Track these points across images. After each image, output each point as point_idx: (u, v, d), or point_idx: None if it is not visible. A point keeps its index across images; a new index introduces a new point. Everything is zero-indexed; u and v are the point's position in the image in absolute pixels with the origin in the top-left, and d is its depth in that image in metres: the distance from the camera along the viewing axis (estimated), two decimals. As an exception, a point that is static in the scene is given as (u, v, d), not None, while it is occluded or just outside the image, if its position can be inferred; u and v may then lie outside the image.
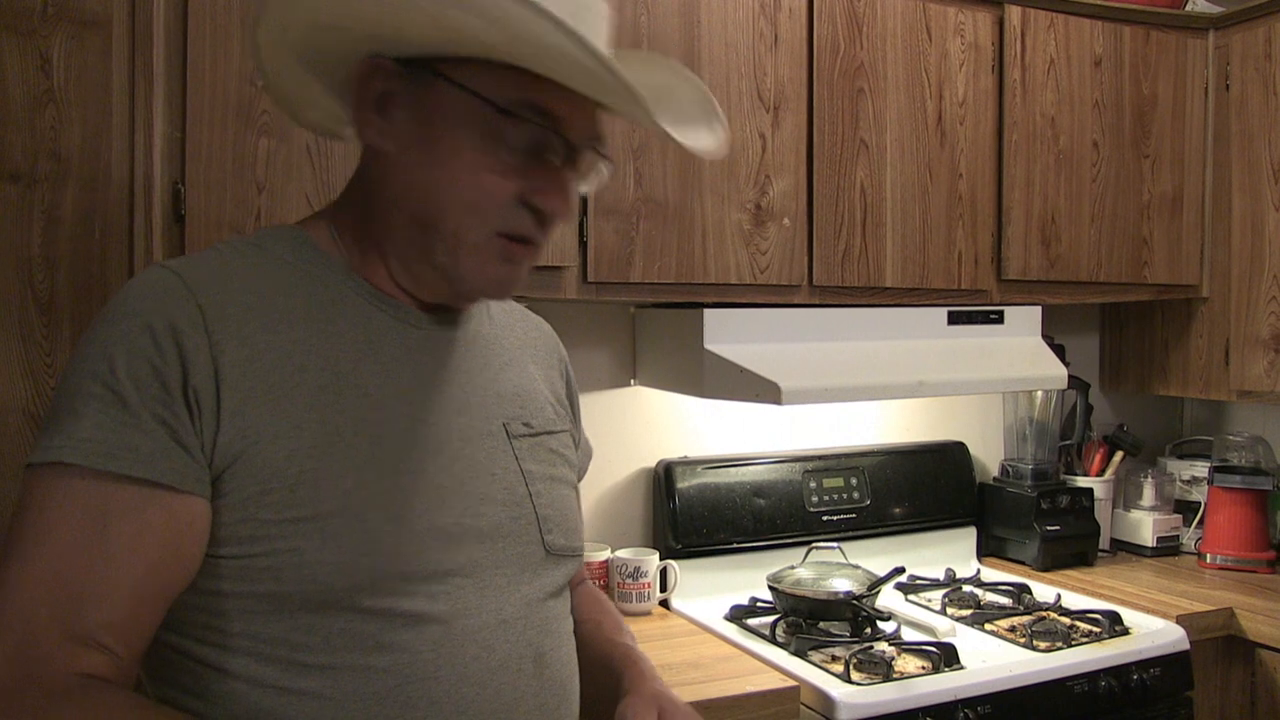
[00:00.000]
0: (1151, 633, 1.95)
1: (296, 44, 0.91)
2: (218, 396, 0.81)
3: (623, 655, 1.06)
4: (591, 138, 0.92)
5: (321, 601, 0.83)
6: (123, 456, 0.78)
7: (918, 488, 2.37)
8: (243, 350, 0.83)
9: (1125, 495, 2.58)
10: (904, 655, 1.79)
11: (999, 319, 2.16)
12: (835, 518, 2.24)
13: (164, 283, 0.84)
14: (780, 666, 1.72)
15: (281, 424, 0.83)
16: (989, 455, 2.57)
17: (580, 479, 1.13)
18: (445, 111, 0.87)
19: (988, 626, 1.96)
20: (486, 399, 0.97)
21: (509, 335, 1.07)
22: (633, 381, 2.19)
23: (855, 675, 1.68)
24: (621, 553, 2.05)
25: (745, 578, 2.11)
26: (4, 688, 0.74)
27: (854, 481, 2.30)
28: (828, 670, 1.71)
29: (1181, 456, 2.70)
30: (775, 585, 1.96)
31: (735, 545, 2.15)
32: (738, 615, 1.99)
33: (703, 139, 0.95)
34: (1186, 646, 1.94)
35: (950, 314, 2.10)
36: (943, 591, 2.14)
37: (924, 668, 1.74)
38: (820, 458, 2.29)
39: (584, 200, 1.75)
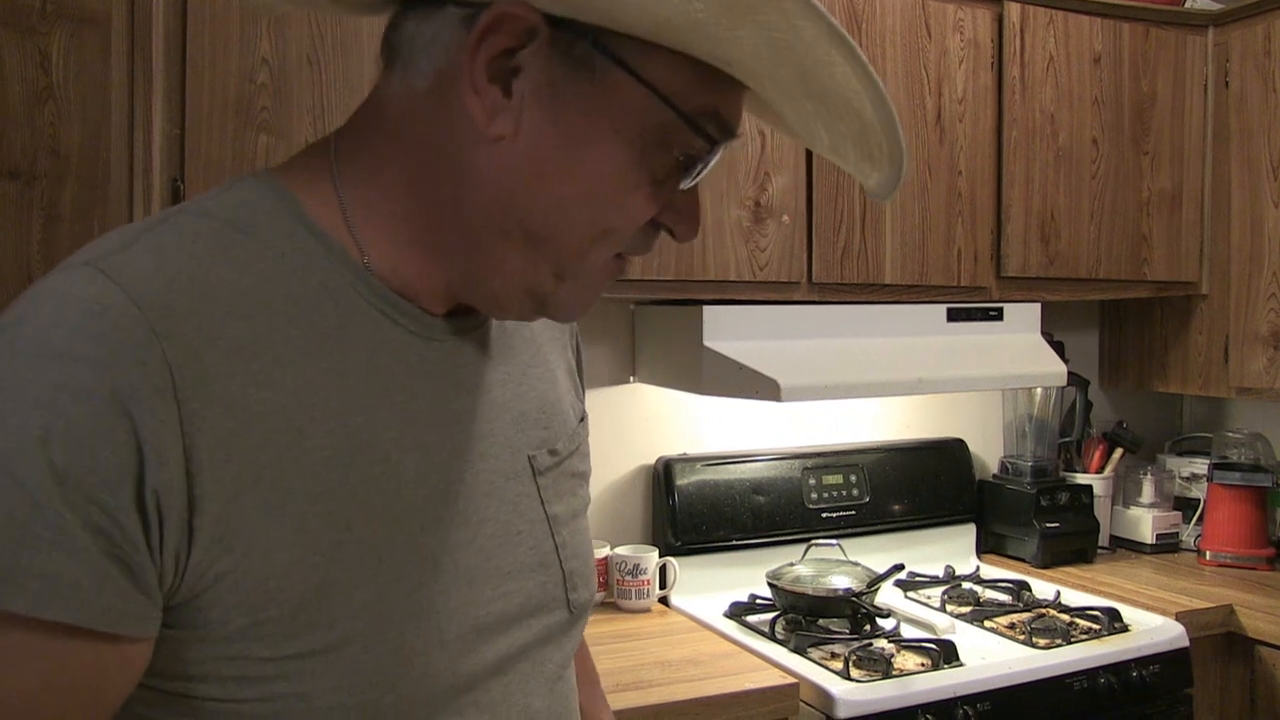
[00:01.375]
0: (1151, 630, 1.95)
1: None
2: (189, 497, 0.57)
3: None
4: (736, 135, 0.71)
5: None
6: (32, 589, 0.53)
7: (917, 485, 2.37)
8: (227, 421, 0.59)
9: (1125, 492, 2.58)
10: (903, 652, 1.79)
11: (998, 316, 2.16)
12: (834, 515, 2.24)
13: (115, 315, 0.57)
14: (780, 664, 1.73)
15: (277, 527, 0.60)
16: (988, 452, 2.57)
17: None
18: (606, 107, 0.63)
19: (987, 624, 1.97)
20: (511, 427, 0.76)
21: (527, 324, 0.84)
22: (632, 379, 2.19)
23: (855, 672, 1.68)
24: (621, 550, 2.06)
25: (745, 575, 2.11)
26: None
27: (853, 478, 2.30)
28: (827, 667, 1.71)
29: (1181, 453, 2.70)
30: (775, 582, 1.96)
31: (735, 542, 2.15)
32: (737, 612, 1.99)
33: (888, 177, 0.72)
34: (1186, 643, 1.94)
35: (949, 311, 2.10)
36: (942, 588, 2.14)
37: (923, 665, 1.74)
38: (819, 455, 2.29)
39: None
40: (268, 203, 0.67)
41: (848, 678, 1.66)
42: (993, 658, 1.79)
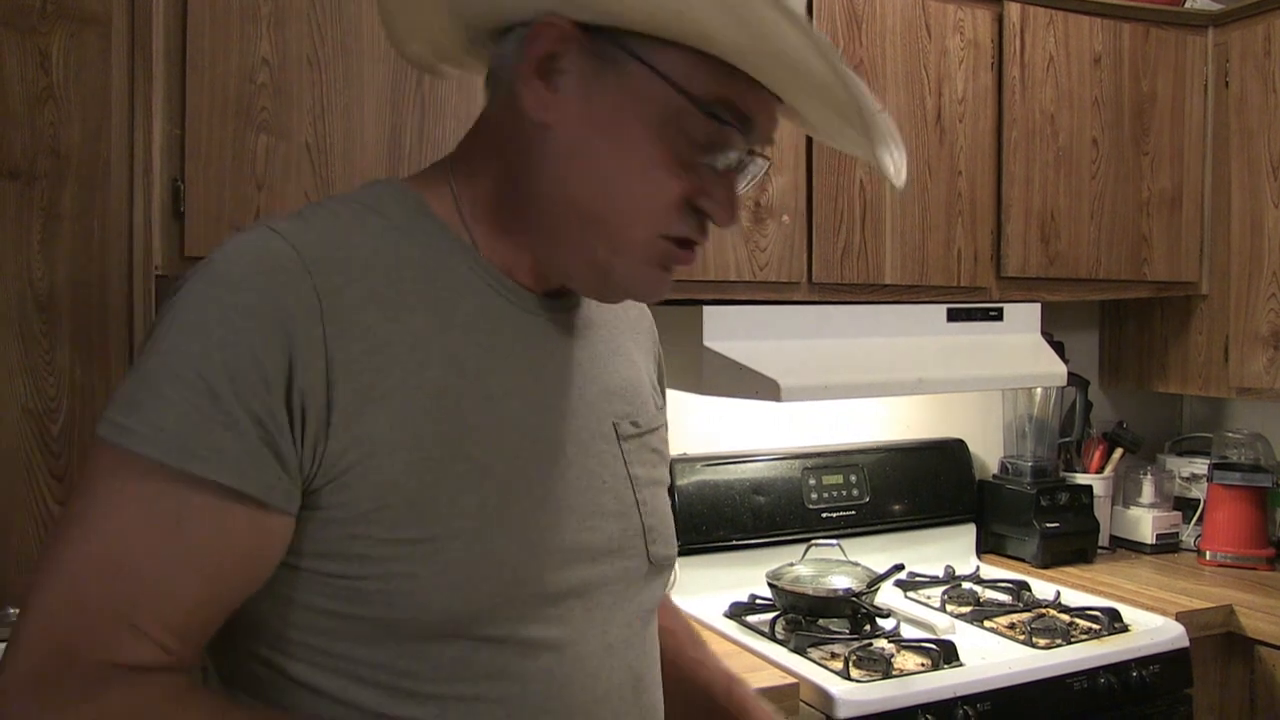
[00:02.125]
0: (1151, 630, 1.95)
1: None
2: (329, 402, 0.71)
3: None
4: (768, 140, 0.83)
5: (436, 630, 0.75)
6: (208, 458, 0.68)
7: (917, 485, 2.37)
8: (362, 344, 0.73)
9: (1125, 492, 2.58)
10: (903, 652, 1.79)
11: (998, 316, 2.16)
12: (834, 515, 2.24)
13: (277, 256, 0.73)
14: (779, 663, 1.73)
15: (399, 433, 0.74)
16: (988, 452, 2.57)
17: None
18: (631, 96, 0.76)
19: (987, 624, 1.97)
20: (598, 396, 0.89)
21: (614, 317, 0.98)
22: (632, 379, 2.19)
23: (854, 672, 1.68)
24: (621, 550, 2.05)
25: (744, 575, 2.11)
26: (43, 675, 0.67)
27: (853, 478, 2.30)
28: (827, 667, 1.71)
29: (1181, 453, 2.70)
30: (775, 582, 1.96)
31: (734, 542, 2.15)
32: (737, 612, 1.99)
33: (890, 165, 0.85)
34: (1186, 644, 1.94)
35: (949, 311, 2.10)
36: (942, 589, 2.14)
37: (923, 665, 1.74)
38: (819, 455, 2.29)
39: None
40: (397, 195, 0.83)
41: (848, 678, 1.66)
42: (993, 658, 1.79)
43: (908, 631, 1.90)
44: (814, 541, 2.09)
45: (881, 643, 1.81)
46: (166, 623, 0.70)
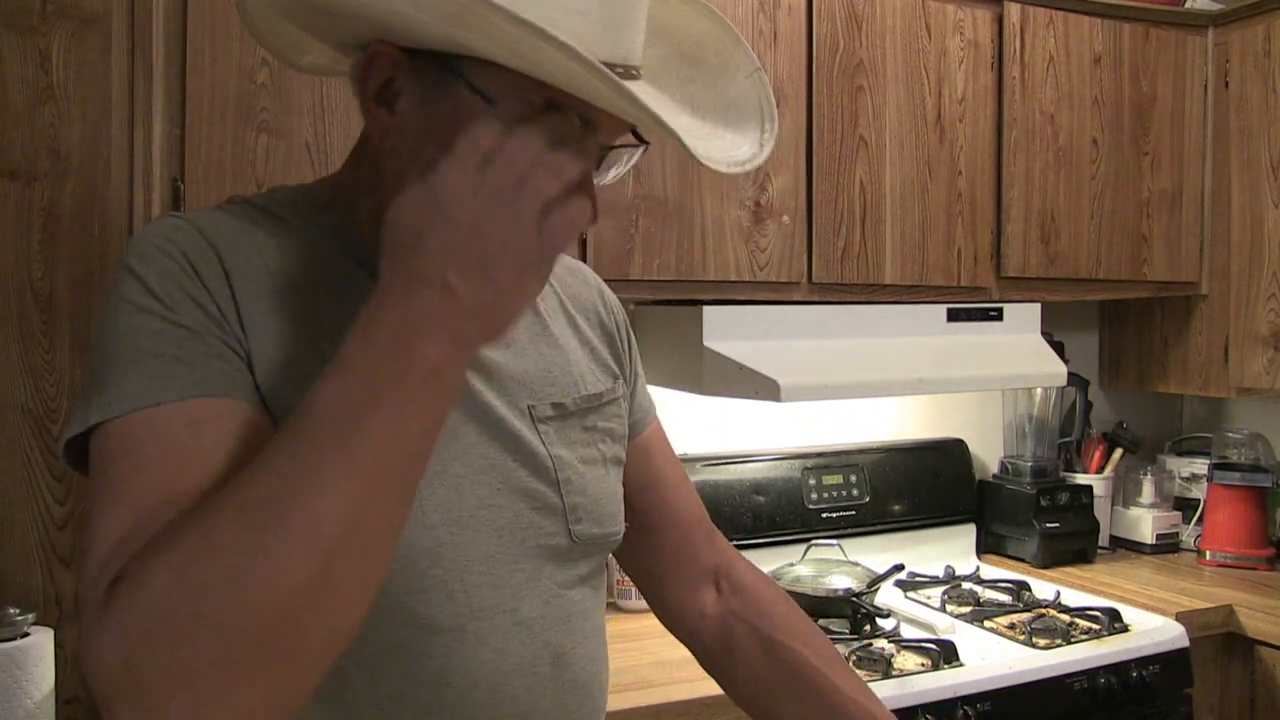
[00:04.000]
0: (1151, 630, 1.95)
1: (288, 10, 0.85)
2: (238, 312, 0.77)
3: None
4: (622, 132, 0.82)
5: None
6: (171, 386, 0.72)
7: (917, 485, 2.37)
8: (255, 287, 0.79)
9: (1125, 492, 2.58)
10: (903, 652, 1.79)
11: (998, 316, 2.16)
12: (834, 515, 2.24)
13: (177, 227, 0.80)
14: (780, 663, 1.72)
15: (281, 361, 0.77)
16: (988, 452, 2.57)
17: (644, 431, 1.10)
18: (459, 115, 0.76)
19: (987, 624, 1.97)
20: (506, 383, 0.90)
21: (543, 301, 0.98)
22: (632, 379, 2.19)
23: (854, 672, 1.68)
24: (621, 550, 2.05)
25: (745, 575, 2.11)
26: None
27: (853, 479, 2.30)
28: (827, 667, 1.71)
29: (1181, 453, 2.70)
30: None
31: (734, 542, 2.11)
32: (737, 612, 1.99)
33: (744, 143, 0.85)
34: (1186, 644, 1.94)
35: (949, 311, 2.10)
36: (942, 589, 2.14)
37: (923, 665, 1.74)
38: (819, 455, 2.29)
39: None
40: (292, 196, 0.89)
41: (848, 678, 1.66)
42: (993, 658, 1.79)
43: (908, 631, 1.90)
44: (814, 541, 2.09)
45: (881, 643, 1.81)
46: None
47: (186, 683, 0.59)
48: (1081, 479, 2.48)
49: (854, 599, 1.89)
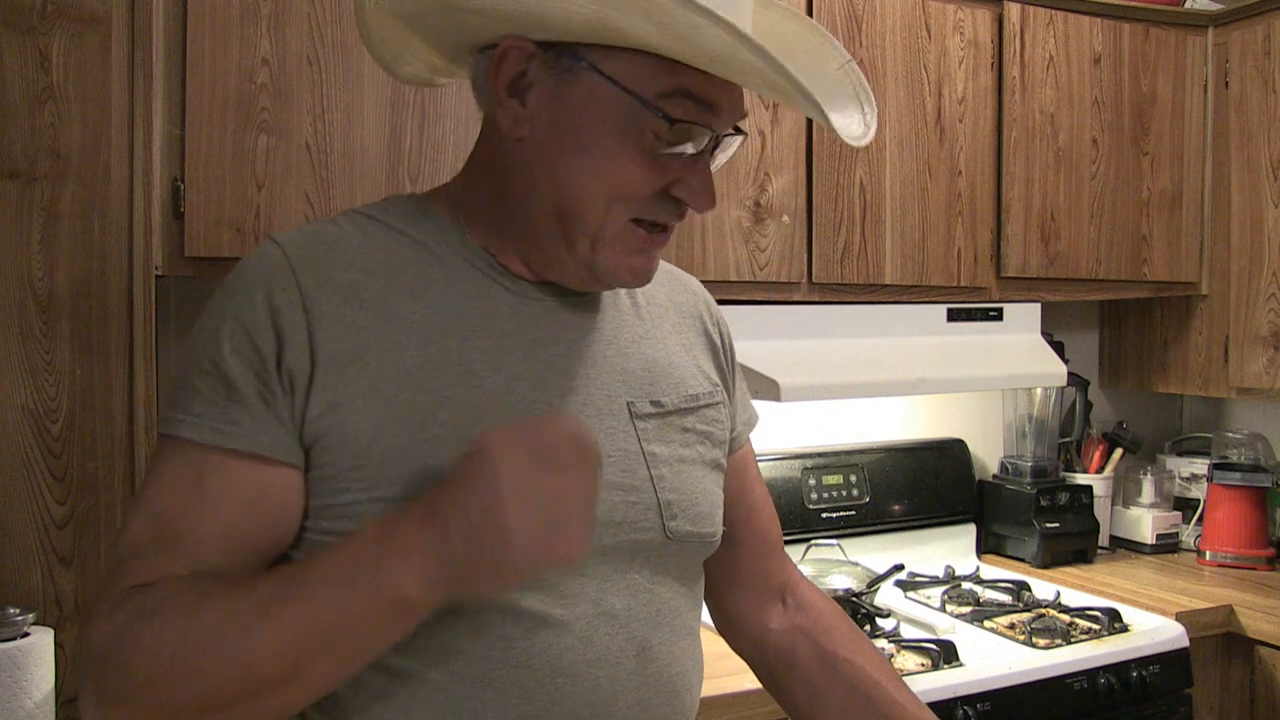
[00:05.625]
0: (1151, 630, 1.95)
1: (414, 15, 0.89)
2: (311, 374, 0.82)
3: None
4: (737, 118, 0.89)
5: None
6: (227, 432, 0.81)
7: (917, 485, 2.37)
8: (339, 327, 0.84)
9: (1125, 492, 2.58)
10: (903, 652, 1.79)
11: (998, 316, 2.16)
12: (834, 515, 2.24)
13: (269, 259, 0.86)
14: (779, 663, 1.72)
15: (371, 401, 0.83)
16: (988, 452, 2.57)
17: (743, 446, 1.15)
18: (590, 102, 0.84)
19: (987, 624, 1.97)
20: (608, 378, 0.93)
21: (649, 304, 1.02)
22: (632, 379, 2.19)
23: (854, 672, 1.68)
24: (621, 550, 2.05)
25: (745, 575, 2.11)
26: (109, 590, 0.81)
27: (853, 479, 2.30)
28: (827, 667, 1.71)
29: (1181, 454, 2.70)
30: (775, 582, 1.96)
31: (735, 542, 2.14)
32: (737, 612, 1.99)
33: (853, 123, 0.91)
34: (1186, 644, 1.94)
35: (949, 311, 2.10)
36: (942, 589, 2.14)
37: (923, 665, 1.74)
38: (819, 455, 2.29)
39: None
40: (405, 204, 0.94)
41: (848, 678, 1.66)
42: (993, 658, 1.79)
43: (908, 631, 1.90)
44: (814, 541, 2.09)
45: (881, 643, 1.81)
46: (196, 559, 0.81)
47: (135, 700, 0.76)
48: (1081, 479, 2.48)
49: (854, 599, 1.89)
